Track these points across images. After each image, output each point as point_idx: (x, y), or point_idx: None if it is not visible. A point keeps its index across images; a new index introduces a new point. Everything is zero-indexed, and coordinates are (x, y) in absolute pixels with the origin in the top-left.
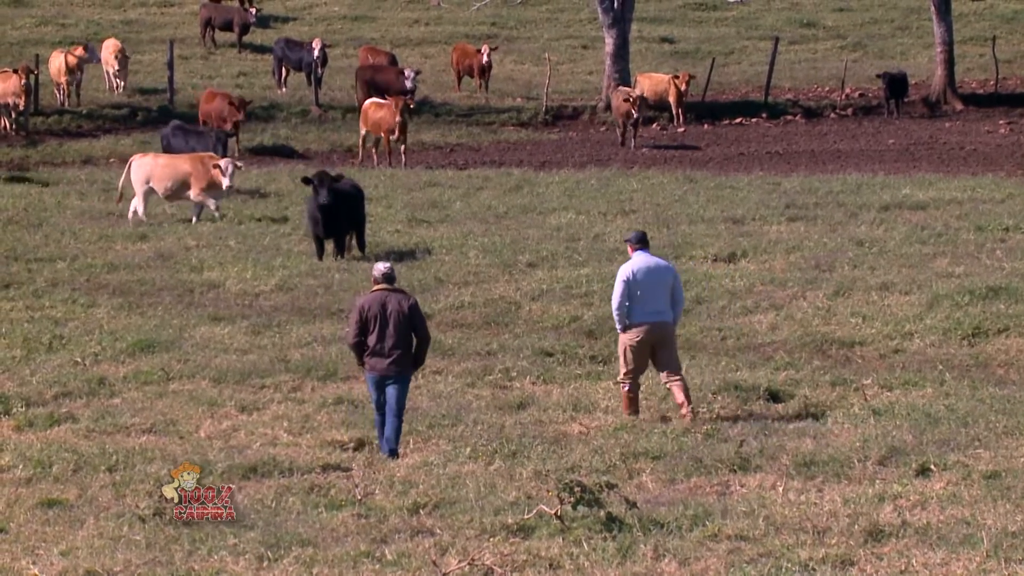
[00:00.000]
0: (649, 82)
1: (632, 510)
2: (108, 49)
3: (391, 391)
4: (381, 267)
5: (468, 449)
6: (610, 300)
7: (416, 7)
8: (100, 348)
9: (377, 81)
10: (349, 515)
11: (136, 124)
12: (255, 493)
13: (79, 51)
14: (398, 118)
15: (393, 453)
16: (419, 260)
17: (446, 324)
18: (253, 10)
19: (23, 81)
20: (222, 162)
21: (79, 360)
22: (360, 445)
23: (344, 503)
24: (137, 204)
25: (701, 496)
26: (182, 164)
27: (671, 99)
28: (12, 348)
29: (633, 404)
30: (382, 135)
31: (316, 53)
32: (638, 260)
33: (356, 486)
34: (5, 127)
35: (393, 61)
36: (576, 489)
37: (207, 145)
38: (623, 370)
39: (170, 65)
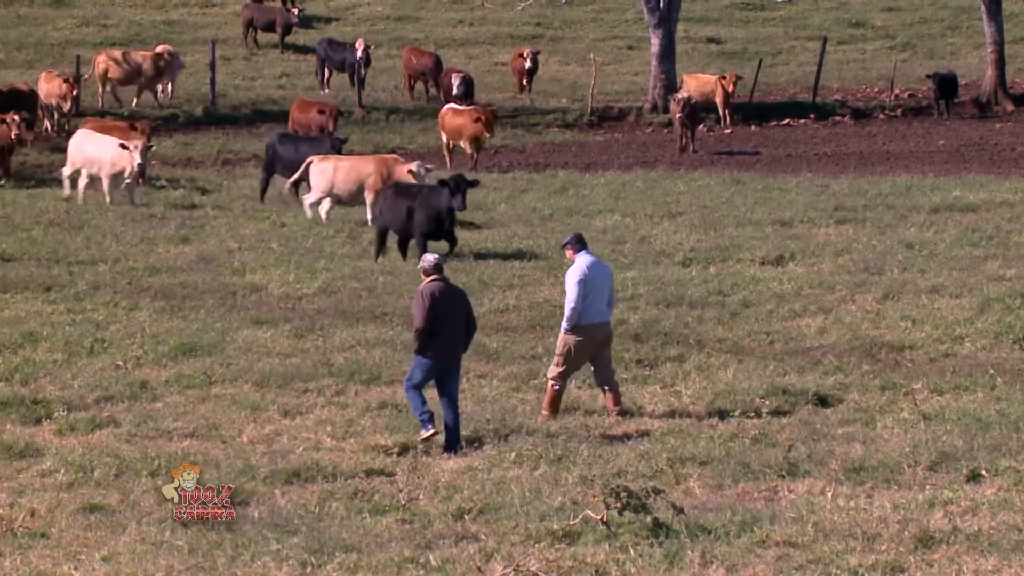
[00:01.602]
0: (695, 83)
1: (679, 516)
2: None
3: (451, 381)
4: (431, 258)
5: (513, 454)
6: (659, 304)
7: (460, 7)
8: (142, 352)
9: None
10: (393, 520)
11: (178, 126)
12: (298, 498)
13: (166, 56)
14: (487, 133)
15: (456, 444)
16: (464, 263)
17: (491, 327)
18: (295, 10)
19: (68, 85)
20: (413, 165)
21: (121, 364)
22: (404, 450)
23: (388, 508)
24: (310, 203)
25: (749, 502)
26: (365, 166)
27: (718, 100)
28: (53, 351)
29: (557, 404)
30: (461, 142)
31: (359, 54)
32: (586, 261)
33: (400, 491)
34: (47, 128)
35: (438, 62)
36: (622, 494)
37: (320, 152)
38: (558, 369)
39: (212, 66)
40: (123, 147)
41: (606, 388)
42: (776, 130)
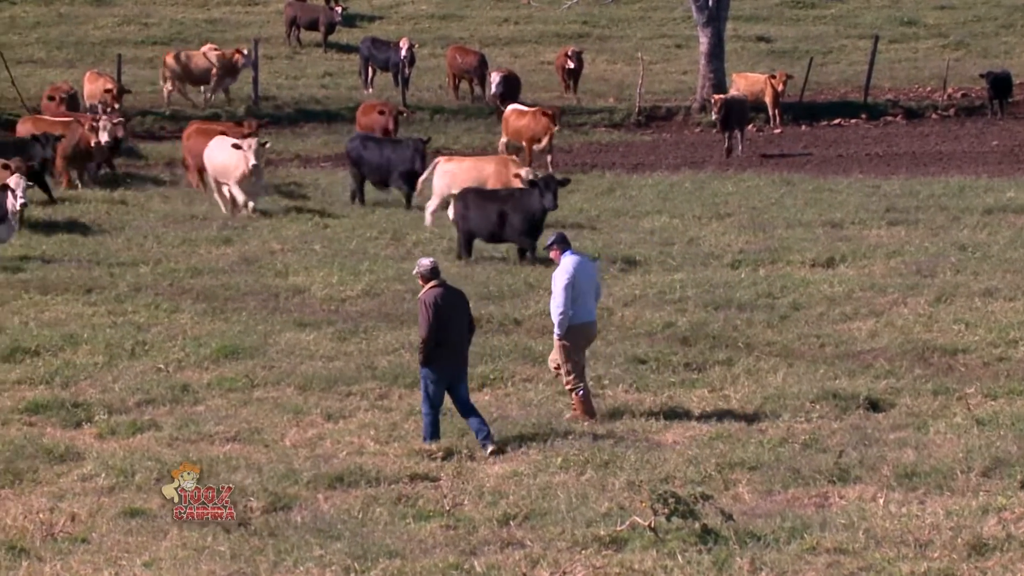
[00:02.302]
0: (745, 82)
1: (728, 522)
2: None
3: (461, 385)
4: (427, 262)
5: (559, 459)
6: (707, 306)
7: (505, 6)
8: (183, 354)
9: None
10: (437, 526)
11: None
12: (341, 503)
13: (239, 56)
14: (554, 127)
15: (491, 436)
16: (509, 265)
17: (536, 330)
18: (339, 9)
19: (111, 87)
20: (522, 171)
21: (162, 367)
22: (449, 454)
23: (432, 514)
24: (432, 207)
25: (799, 508)
26: (486, 166)
27: (767, 100)
28: (94, 354)
29: (590, 406)
30: (523, 143)
31: (404, 53)
32: (572, 262)
33: (445, 496)
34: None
35: (483, 61)
36: (670, 500)
37: (405, 155)
38: (571, 375)
39: (254, 65)
40: (236, 147)
41: (577, 391)
42: (827, 130)
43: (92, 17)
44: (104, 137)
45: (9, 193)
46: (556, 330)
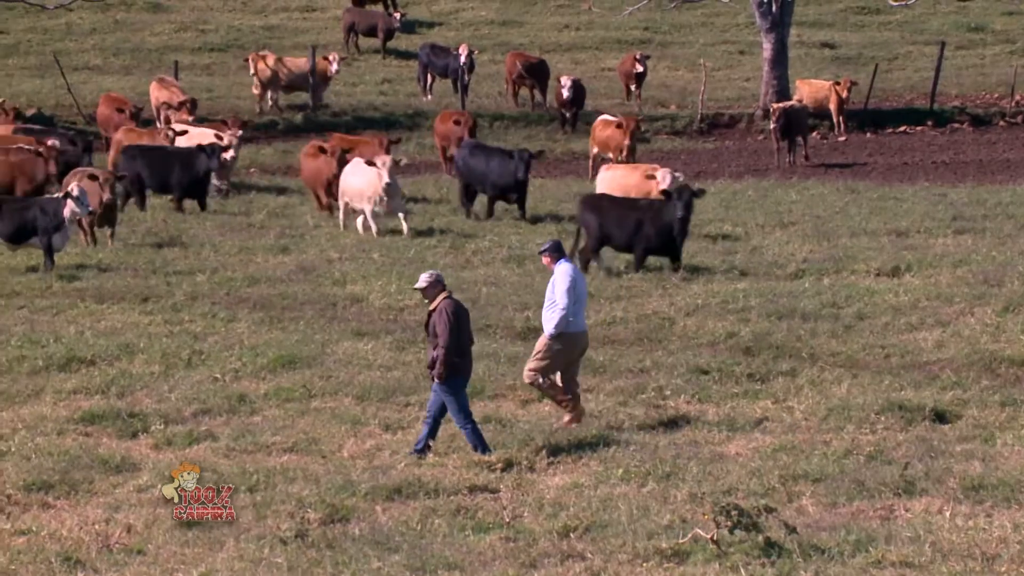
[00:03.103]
0: (809, 89)
1: (792, 535)
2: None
3: (465, 394)
4: (434, 273)
5: (620, 470)
6: (771, 316)
7: (566, 11)
8: (240, 364)
9: None
10: (497, 538)
11: (277, 133)
12: (400, 515)
13: (333, 60)
14: (627, 140)
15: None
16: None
17: (597, 340)
18: (397, 15)
19: (184, 100)
20: (660, 173)
21: (219, 376)
22: (508, 465)
23: (492, 526)
24: None
25: (864, 521)
26: (633, 172)
27: (832, 107)
28: (150, 364)
29: (577, 405)
30: (610, 153)
31: (463, 59)
32: (570, 269)
33: (504, 508)
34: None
35: (543, 67)
36: (733, 512)
37: (510, 166)
38: (537, 370)
39: (312, 72)
40: (370, 163)
41: (576, 396)
42: (892, 137)
43: (149, 24)
44: (385, 178)
45: (69, 200)
46: (551, 329)
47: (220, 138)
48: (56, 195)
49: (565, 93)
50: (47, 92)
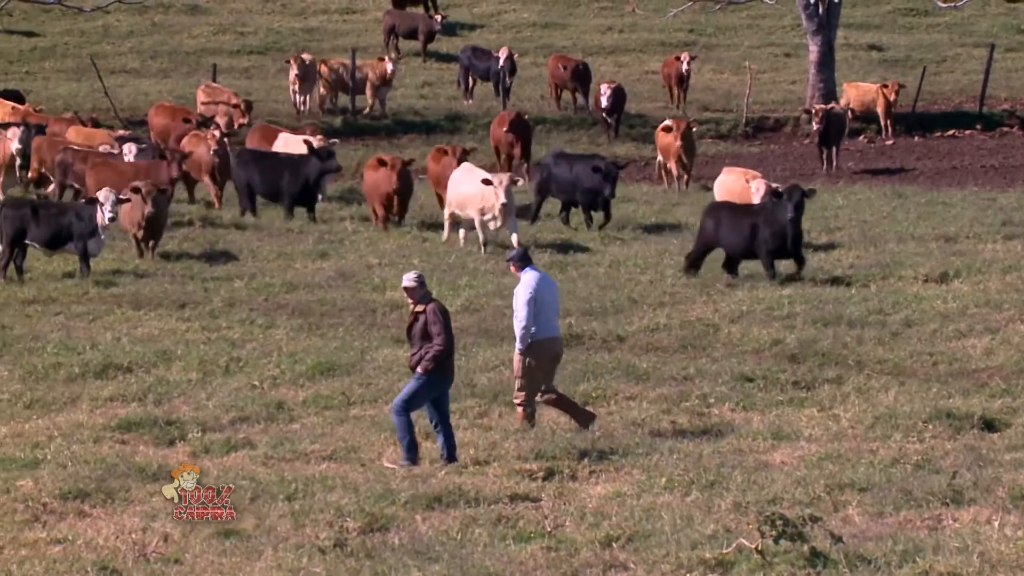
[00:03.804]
0: (856, 92)
1: (837, 545)
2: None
3: (446, 399)
4: (419, 274)
5: (664, 479)
6: (816, 323)
7: (610, 13)
8: (279, 371)
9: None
10: (538, 548)
11: None
12: (440, 524)
13: (389, 65)
14: (678, 142)
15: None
16: (612, 279)
17: (640, 347)
18: (438, 17)
19: (238, 98)
20: (755, 184)
21: (257, 384)
22: (550, 474)
23: (533, 535)
24: None
25: (911, 531)
26: (741, 178)
27: (879, 110)
28: (188, 371)
29: (532, 420)
30: (670, 160)
31: (503, 62)
32: (533, 278)
33: (546, 517)
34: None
35: (586, 70)
36: (778, 522)
37: (590, 174)
38: (523, 394)
39: (352, 75)
40: (487, 182)
41: (524, 405)
42: (940, 141)
43: (187, 26)
44: (502, 197)
45: (98, 207)
46: (518, 344)
47: (309, 143)
48: (86, 201)
49: (604, 102)
50: (84, 95)
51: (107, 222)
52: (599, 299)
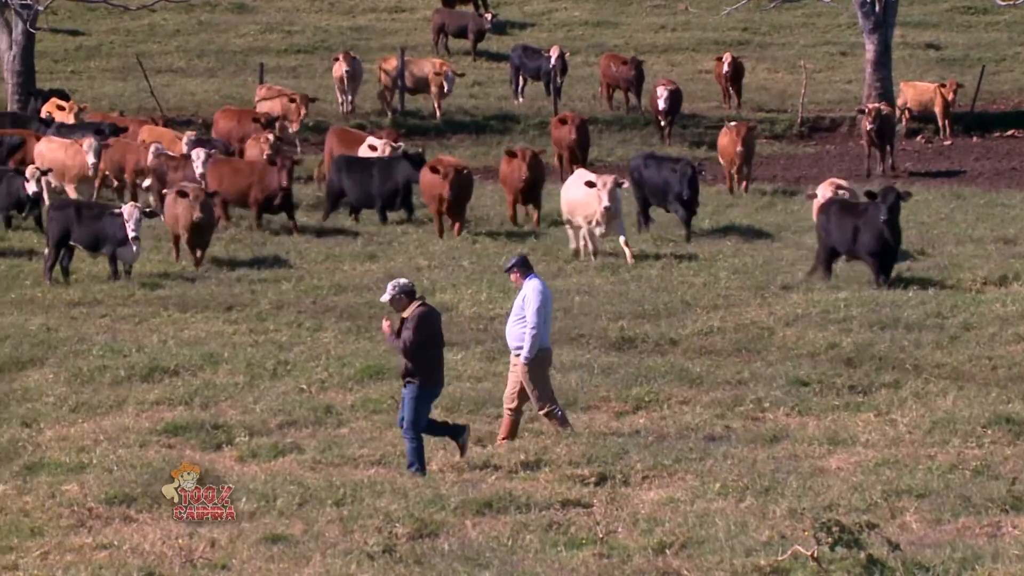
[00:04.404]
0: (913, 91)
1: (895, 552)
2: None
3: (428, 407)
4: (405, 282)
5: (717, 485)
6: (873, 326)
7: (662, 12)
8: (327, 374)
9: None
10: (590, 554)
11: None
12: (490, 530)
13: (446, 69)
14: (738, 147)
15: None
16: (665, 282)
17: (693, 351)
18: (488, 16)
19: (295, 102)
20: (820, 189)
21: (304, 387)
22: (602, 479)
23: (585, 541)
24: None
25: (970, 538)
26: (830, 184)
27: (937, 109)
28: (235, 374)
29: (566, 423)
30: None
31: (554, 61)
32: (539, 286)
33: (598, 523)
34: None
35: (639, 69)
36: (834, 529)
37: (678, 176)
38: (544, 399)
39: (400, 74)
40: (590, 184)
41: (511, 412)
42: (999, 141)
43: (233, 25)
44: (605, 200)
45: (123, 221)
46: (526, 353)
47: (374, 148)
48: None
49: (661, 104)
50: (130, 95)
51: (131, 236)
52: (652, 302)
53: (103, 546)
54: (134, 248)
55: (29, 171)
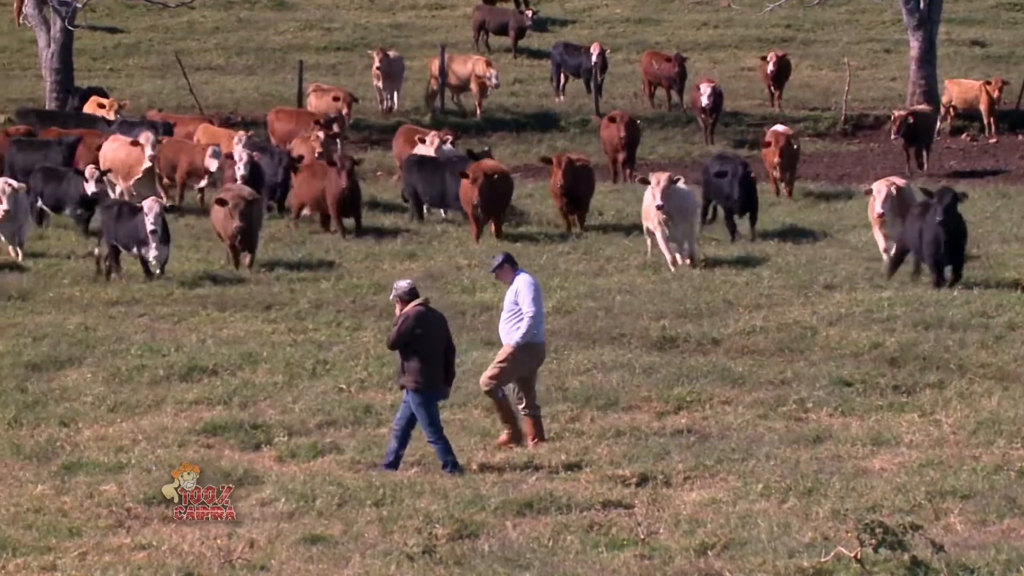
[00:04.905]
0: (958, 89)
1: (939, 554)
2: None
3: (436, 407)
4: (404, 284)
5: (760, 486)
6: (917, 326)
7: (705, 9)
8: (366, 374)
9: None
10: (631, 555)
11: None
12: (531, 531)
13: (489, 71)
14: (776, 159)
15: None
16: (707, 281)
17: (736, 350)
18: (529, 12)
19: (342, 101)
20: (876, 186)
21: (344, 387)
22: (643, 480)
23: (626, 542)
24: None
25: (1015, 540)
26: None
27: (982, 107)
28: (274, 374)
29: (509, 412)
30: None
31: (594, 58)
32: (532, 279)
33: (639, 524)
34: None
35: (682, 65)
36: (877, 530)
37: (734, 173)
38: (496, 380)
39: (442, 72)
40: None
41: (528, 413)
42: None
43: (273, 22)
44: (657, 198)
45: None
46: (519, 338)
47: (422, 141)
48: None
49: (704, 100)
50: (168, 93)
51: (150, 232)
52: (694, 301)
53: (141, 546)
54: (153, 245)
55: (88, 171)
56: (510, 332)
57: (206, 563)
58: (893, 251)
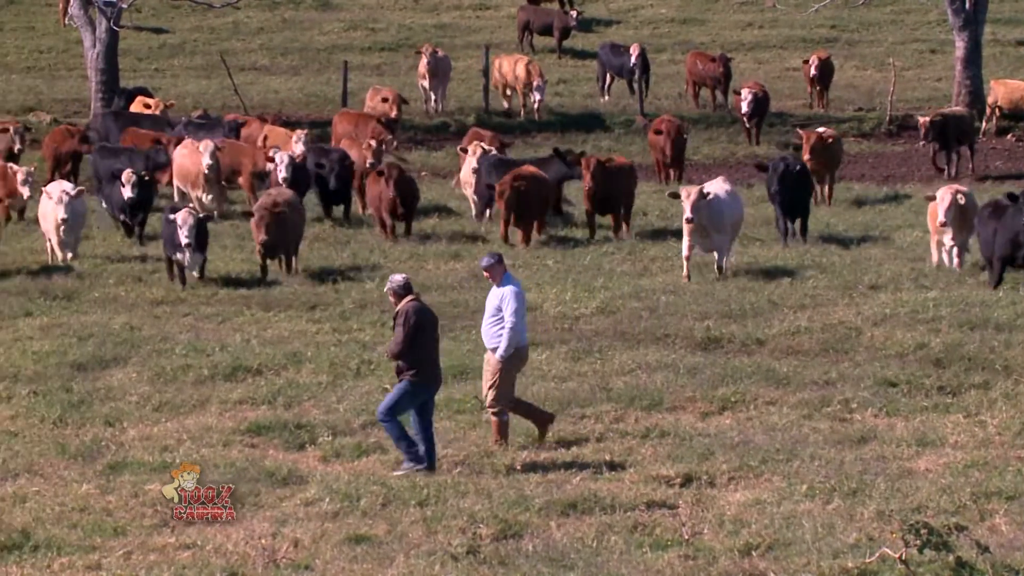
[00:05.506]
0: (1004, 89)
1: (984, 555)
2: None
3: (431, 405)
4: (399, 278)
5: (804, 486)
6: (962, 326)
7: (749, 9)
8: None
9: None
10: (676, 556)
11: (449, 135)
12: (575, 531)
13: (535, 73)
14: (805, 156)
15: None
16: (752, 282)
17: (780, 351)
18: (574, 13)
19: (392, 102)
20: (940, 192)
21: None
22: (687, 480)
23: (670, 543)
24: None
25: None
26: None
27: None
28: (318, 373)
29: (505, 430)
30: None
31: (634, 59)
32: (516, 288)
33: (683, 525)
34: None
35: (726, 66)
36: (923, 531)
37: (769, 173)
38: (500, 398)
39: (485, 72)
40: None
41: (495, 414)
42: None
43: (317, 22)
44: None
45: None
46: (503, 353)
47: (464, 151)
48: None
49: (744, 107)
50: (213, 93)
51: (184, 243)
52: (738, 301)
53: (186, 546)
54: (187, 255)
55: (125, 175)
56: (492, 339)
57: (250, 563)
58: (985, 263)
